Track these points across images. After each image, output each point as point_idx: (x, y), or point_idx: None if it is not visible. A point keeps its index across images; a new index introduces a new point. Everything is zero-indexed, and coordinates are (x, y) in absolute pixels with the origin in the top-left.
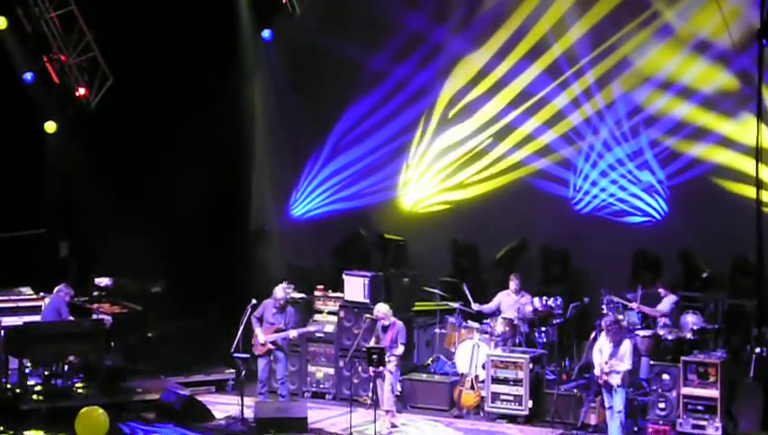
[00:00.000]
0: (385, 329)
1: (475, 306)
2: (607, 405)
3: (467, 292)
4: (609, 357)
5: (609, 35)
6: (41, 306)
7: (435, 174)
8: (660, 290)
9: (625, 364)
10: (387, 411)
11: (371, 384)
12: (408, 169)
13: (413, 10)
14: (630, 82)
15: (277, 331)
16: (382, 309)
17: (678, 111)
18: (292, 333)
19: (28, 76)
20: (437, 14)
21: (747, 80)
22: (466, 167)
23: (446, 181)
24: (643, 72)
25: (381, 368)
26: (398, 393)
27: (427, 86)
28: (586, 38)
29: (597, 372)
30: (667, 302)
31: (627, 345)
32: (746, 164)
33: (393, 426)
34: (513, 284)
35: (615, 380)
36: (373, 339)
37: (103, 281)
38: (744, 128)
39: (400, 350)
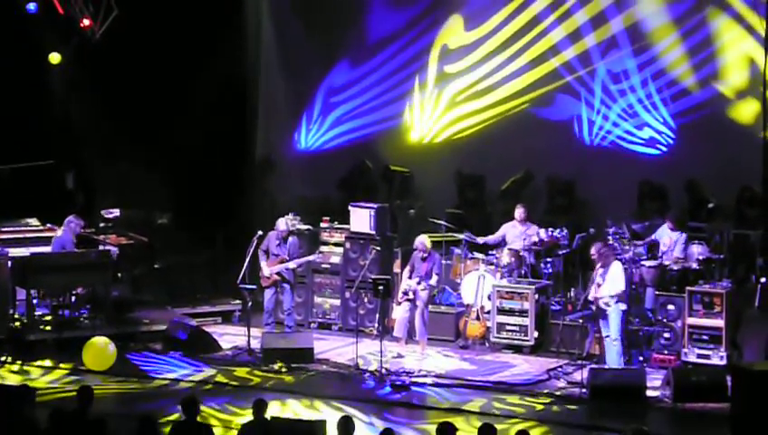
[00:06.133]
0: (423, 260)
1: (480, 240)
2: (604, 334)
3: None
4: (601, 281)
5: None
6: (48, 237)
7: (437, 102)
8: (668, 224)
9: (617, 286)
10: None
11: (377, 315)
12: (413, 100)
13: None
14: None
15: (281, 262)
16: (424, 241)
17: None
18: (291, 265)
19: (32, 6)
20: None
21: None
22: (471, 96)
23: (452, 111)
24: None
25: (413, 297)
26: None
27: (434, 20)
28: None
29: (590, 297)
30: (681, 241)
31: (616, 267)
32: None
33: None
34: (518, 213)
35: (609, 303)
36: (408, 268)
37: (110, 212)
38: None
39: (434, 280)
